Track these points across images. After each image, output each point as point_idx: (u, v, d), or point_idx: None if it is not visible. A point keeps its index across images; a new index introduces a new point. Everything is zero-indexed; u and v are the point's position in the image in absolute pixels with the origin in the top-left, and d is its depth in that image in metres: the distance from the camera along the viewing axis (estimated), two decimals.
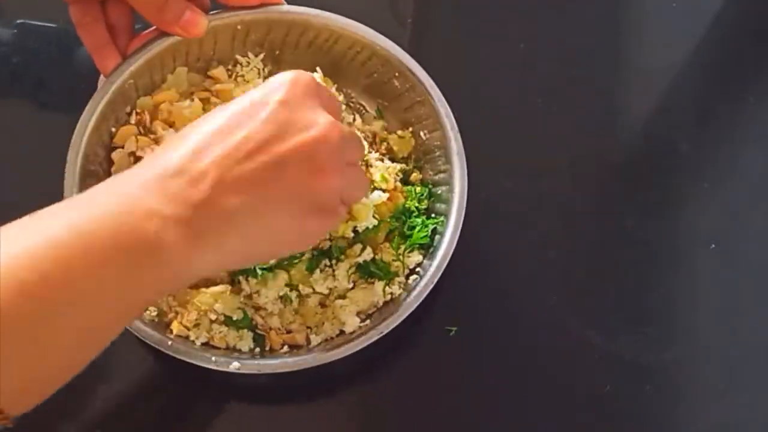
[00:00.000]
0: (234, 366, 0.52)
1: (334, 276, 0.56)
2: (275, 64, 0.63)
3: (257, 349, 0.55)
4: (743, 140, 0.70)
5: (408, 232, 0.58)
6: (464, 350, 0.60)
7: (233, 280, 0.56)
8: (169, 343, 0.52)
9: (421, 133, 0.61)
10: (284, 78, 0.44)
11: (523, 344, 0.61)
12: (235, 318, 0.55)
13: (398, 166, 0.61)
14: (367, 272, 0.57)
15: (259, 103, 0.43)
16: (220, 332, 0.55)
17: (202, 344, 0.54)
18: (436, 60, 0.61)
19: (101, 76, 0.58)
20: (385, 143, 0.62)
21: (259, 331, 0.55)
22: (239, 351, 0.55)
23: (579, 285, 0.63)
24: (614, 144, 0.69)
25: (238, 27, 0.60)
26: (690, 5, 0.75)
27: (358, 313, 0.56)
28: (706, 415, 0.60)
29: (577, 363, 0.60)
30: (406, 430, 0.58)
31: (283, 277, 0.55)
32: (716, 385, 0.61)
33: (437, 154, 0.60)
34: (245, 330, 0.55)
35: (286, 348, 0.55)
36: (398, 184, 0.60)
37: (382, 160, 0.60)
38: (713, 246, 0.64)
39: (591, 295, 0.63)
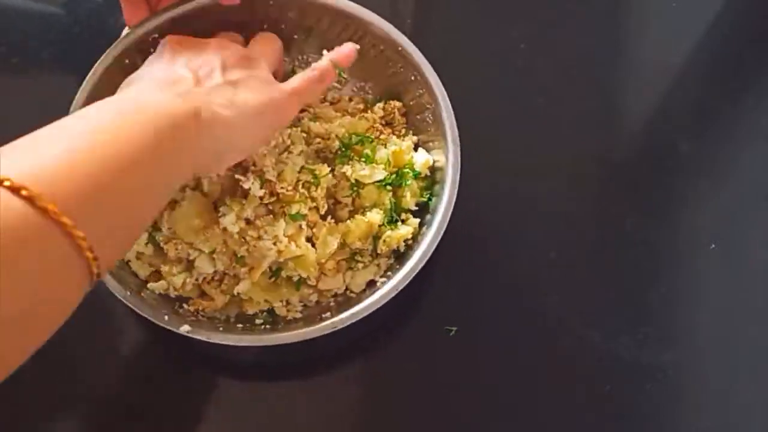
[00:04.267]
0: (184, 329, 0.53)
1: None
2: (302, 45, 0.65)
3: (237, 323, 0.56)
4: (743, 140, 0.70)
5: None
6: (464, 350, 0.60)
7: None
8: (128, 293, 0.53)
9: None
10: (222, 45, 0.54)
11: (523, 344, 0.61)
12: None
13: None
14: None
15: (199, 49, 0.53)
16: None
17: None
18: (436, 60, 0.61)
19: (125, 29, 0.59)
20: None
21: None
22: (218, 320, 0.56)
23: (579, 285, 0.63)
24: (614, 144, 0.69)
25: (271, 2, 0.61)
26: (690, 5, 0.75)
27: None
28: (706, 415, 0.60)
29: (577, 363, 0.60)
30: (405, 430, 0.58)
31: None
32: (716, 385, 0.61)
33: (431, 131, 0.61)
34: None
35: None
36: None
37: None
38: (713, 246, 0.64)
39: (591, 295, 0.63)
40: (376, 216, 0.57)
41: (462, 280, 0.61)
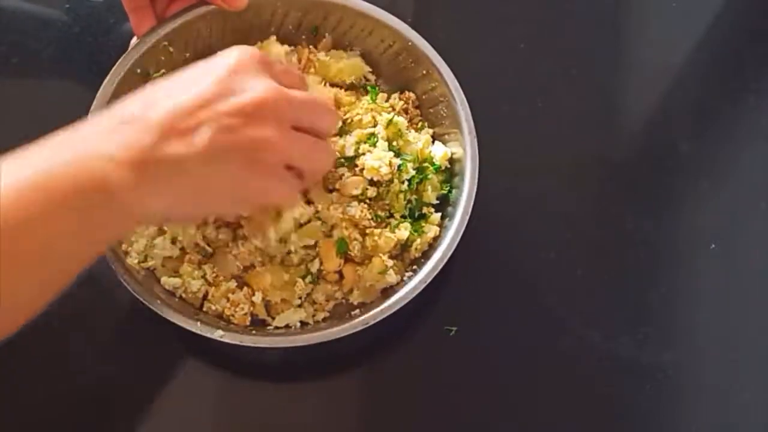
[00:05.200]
0: (218, 334, 0.53)
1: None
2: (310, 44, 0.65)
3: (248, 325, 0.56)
4: (743, 140, 0.70)
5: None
6: (464, 350, 0.60)
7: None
8: (158, 301, 0.53)
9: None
10: (237, 50, 0.49)
11: (523, 344, 0.61)
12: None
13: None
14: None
15: (210, 69, 0.47)
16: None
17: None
18: None
19: (133, 38, 0.59)
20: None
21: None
22: (229, 322, 0.56)
23: (579, 285, 0.63)
24: (614, 144, 0.69)
25: (278, 3, 0.61)
26: (690, 5, 0.75)
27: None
28: (706, 415, 0.60)
29: (577, 363, 0.60)
30: (406, 430, 0.58)
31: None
32: (716, 385, 0.61)
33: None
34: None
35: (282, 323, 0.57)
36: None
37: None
38: (713, 246, 0.64)
39: (591, 295, 0.63)
40: (404, 233, 0.57)
41: (462, 280, 0.61)
